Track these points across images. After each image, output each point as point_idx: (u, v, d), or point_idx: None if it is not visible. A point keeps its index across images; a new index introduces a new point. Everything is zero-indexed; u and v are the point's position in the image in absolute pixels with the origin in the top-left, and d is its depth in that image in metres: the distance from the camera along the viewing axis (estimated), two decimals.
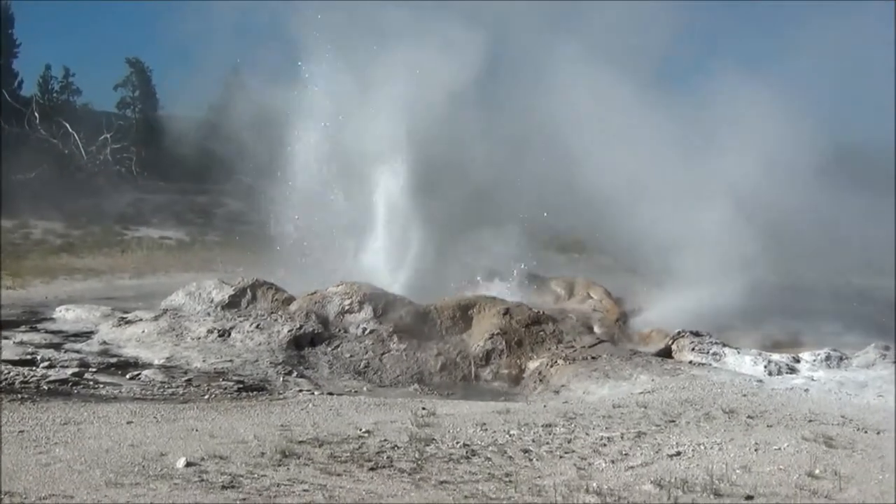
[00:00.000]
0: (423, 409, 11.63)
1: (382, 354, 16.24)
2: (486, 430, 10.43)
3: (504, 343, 16.66)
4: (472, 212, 21.54)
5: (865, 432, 10.79)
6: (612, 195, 20.63)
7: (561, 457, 9.47)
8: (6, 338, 15.60)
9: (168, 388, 13.04)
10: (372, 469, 8.78)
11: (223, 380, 13.79)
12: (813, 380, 14.43)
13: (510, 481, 8.64)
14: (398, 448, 9.47)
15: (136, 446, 9.05)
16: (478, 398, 14.51)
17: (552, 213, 22.65)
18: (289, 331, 16.44)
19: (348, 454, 9.14)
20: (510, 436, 10.19)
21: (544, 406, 12.70)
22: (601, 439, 10.16)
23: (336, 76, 22.33)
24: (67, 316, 18.30)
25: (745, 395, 12.94)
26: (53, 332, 16.90)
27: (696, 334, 16.68)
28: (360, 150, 21.62)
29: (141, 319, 17.24)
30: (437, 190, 21.45)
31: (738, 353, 15.88)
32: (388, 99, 21.46)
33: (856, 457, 9.64)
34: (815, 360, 15.39)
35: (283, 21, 23.99)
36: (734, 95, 22.64)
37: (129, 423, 10.26)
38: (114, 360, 14.71)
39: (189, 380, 13.59)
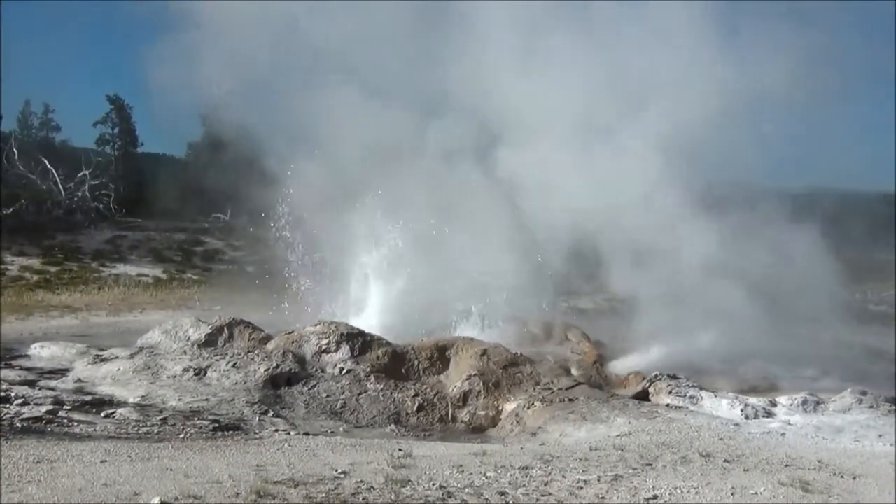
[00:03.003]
0: (400, 450, 11.57)
1: (359, 395, 16.19)
2: (463, 471, 10.38)
3: (481, 384, 16.65)
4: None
5: (842, 477, 10.78)
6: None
7: (538, 500, 9.42)
8: None
9: (143, 426, 12.93)
10: None
11: (199, 419, 13.68)
12: (790, 424, 14.46)
13: None
14: (374, 489, 9.39)
15: (110, 486, 8.95)
16: (455, 439, 14.48)
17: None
18: (265, 370, 16.37)
19: (324, 495, 9.07)
20: (487, 478, 10.13)
21: (521, 448, 12.66)
22: (578, 482, 10.12)
23: None
24: (42, 353, 18.19)
25: (721, 439, 12.93)
26: (28, 369, 16.77)
27: (674, 377, 16.70)
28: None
29: (117, 357, 17.13)
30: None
31: (715, 396, 15.90)
32: None
33: (832, 502, 9.65)
34: (791, 405, 15.43)
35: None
36: None
37: (102, 461, 10.15)
38: (88, 398, 14.58)
39: (164, 419, 13.47)
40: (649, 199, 21.38)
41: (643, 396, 16.49)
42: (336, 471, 10.15)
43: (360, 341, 17.52)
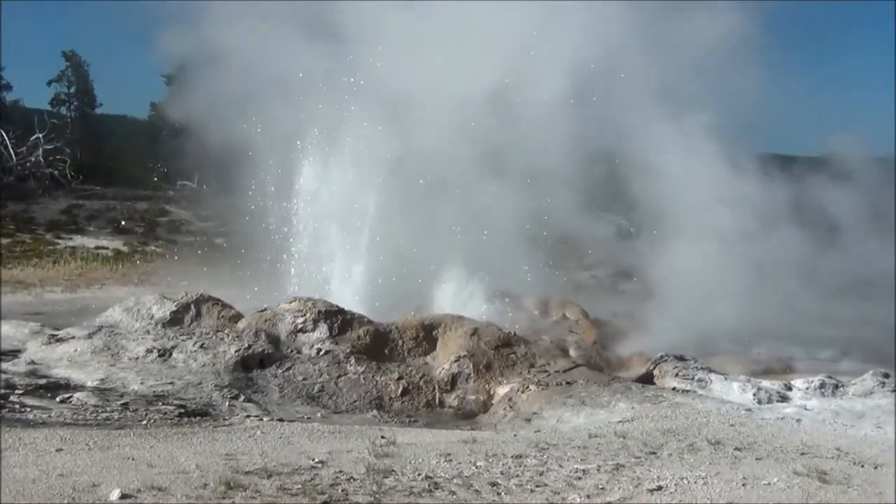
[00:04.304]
0: (382, 437, 11.57)
1: (338, 377, 16.18)
2: (451, 461, 10.39)
3: (471, 366, 16.65)
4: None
5: (862, 466, 10.81)
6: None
7: (532, 491, 9.44)
8: None
9: (102, 412, 12.91)
10: (325, 503, 8.73)
11: (163, 404, 13.67)
12: (806, 409, 14.46)
13: None
14: (354, 480, 9.40)
15: (66, 476, 8.95)
16: (442, 426, 14.50)
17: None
18: (236, 351, 16.35)
19: (299, 486, 9.08)
20: (477, 468, 10.15)
21: (514, 435, 12.67)
22: (576, 472, 10.14)
23: None
24: None
25: (732, 425, 12.96)
26: None
27: (680, 359, 16.71)
28: None
29: (73, 337, 17.08)
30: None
31: (726, 379, 15.92)
32: None
33: (851, 493, 9.67)
34: (808, 388, 15.43)
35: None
36: None
37: (58, 450, 10.14)
38: (43, 381, 14.56)
39: (125, 404, 13.45)
40: None
41: (647, 379, 16.52)
42: (313, 460, 10.16)
43: (339, 320, 17.48)
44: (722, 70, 25.39)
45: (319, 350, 16.85)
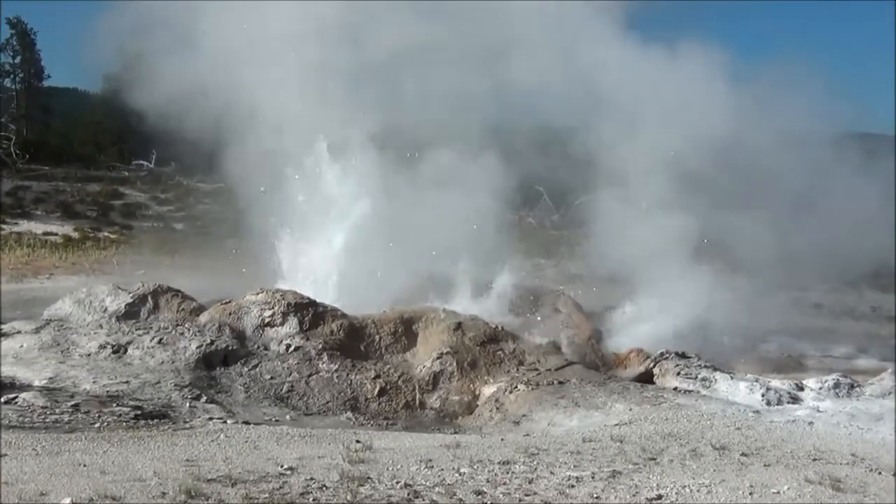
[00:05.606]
0: (358, 442, 11.58)
1: (309, 376, 16.17)
2: (432, 467, 10.40)
3: (455, 364, 16.65)
4: None
5: (879, 473, 10.83)
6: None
7: (521, 500, 9.45)
8: None
9: (51, 414, 12.88)
10: None
11: (117, 405, 13.63)
12: (819, 411, 14.49)
13: None
14: (327, 488, 9.41)
15: (12, 484, 8.93)
16: (423, 429, 14.51)
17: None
18: (197, 347, 16.32)
19: (267, 495, 9.08)
20: (460, 475, 10.16)
21: (502, 439, 12.69)
22: (568, 479, 10.16)
23: None
24: None
25: (738, 429, 12.99)
26: None
27: (683, 356, 16.73)
28: None
29: (19, 332, 17.04)
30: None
31: (732, 378, 15.95)
32: None
33: (867, 502, 9.71)
34: (821, 388, 15.46)
35: None
36: None
37: (3, 456, 10.13)
38: None
39: (76, 405, 13.40)
40: None
41: (647, 378, 16.55)
42: (281, 466, 10.16)
43: (310, 313, 17.46)
44: None
45: (289, 346, 16.83)
